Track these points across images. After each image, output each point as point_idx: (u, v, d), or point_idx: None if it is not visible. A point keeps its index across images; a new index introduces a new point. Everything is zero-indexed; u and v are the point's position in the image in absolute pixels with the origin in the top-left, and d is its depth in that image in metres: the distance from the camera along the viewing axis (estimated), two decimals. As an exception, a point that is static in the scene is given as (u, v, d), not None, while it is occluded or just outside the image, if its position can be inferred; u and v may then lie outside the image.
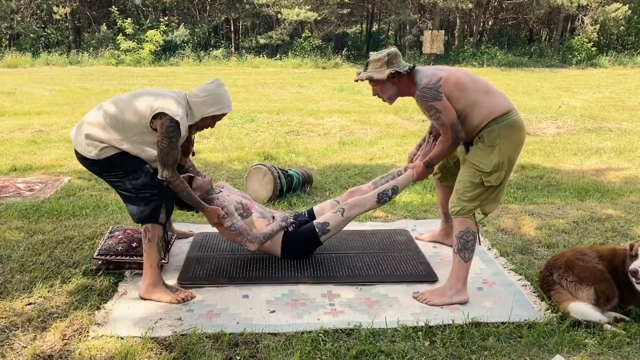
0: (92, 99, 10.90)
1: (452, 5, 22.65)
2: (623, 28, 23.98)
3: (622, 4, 22.68)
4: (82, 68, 19.42)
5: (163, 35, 22.22)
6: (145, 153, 2.91)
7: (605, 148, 7.27)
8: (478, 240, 3.04)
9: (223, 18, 25.29)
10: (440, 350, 2.50)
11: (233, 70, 19.31)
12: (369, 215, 4.33)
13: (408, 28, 25.09)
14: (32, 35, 22.74)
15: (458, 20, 25.86)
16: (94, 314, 2.78)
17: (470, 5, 22.67)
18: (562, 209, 4.55)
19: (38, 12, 23.30)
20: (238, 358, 2.44)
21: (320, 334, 2.60)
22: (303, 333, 2.63)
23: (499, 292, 3.10)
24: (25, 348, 2.49)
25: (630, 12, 23.27)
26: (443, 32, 21.77)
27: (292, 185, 4.97)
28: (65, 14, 22.60)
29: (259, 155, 6.69)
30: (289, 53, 23.02)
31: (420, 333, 2.63)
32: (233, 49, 24.64)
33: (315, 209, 3.63)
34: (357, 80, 3.04)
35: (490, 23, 28.23)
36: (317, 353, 2.46)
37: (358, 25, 28.45)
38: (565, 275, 2.86)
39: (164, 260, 3.24)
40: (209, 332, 2.63)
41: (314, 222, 3.42)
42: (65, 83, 14.08)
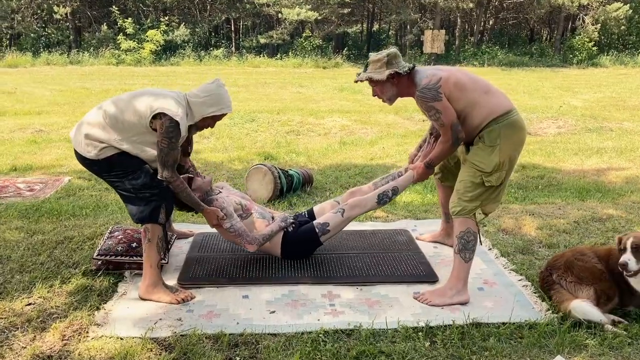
0: (92, 99, 10.90)
1: (452, 5, 22.65)
2: (624, 27, 23.97)
3: (623, 4, 22.66)
4: (82, 68, 19.43)
5: (163, 35, 22.23)
6: (145, 153, 2.90)
7: (606, 148, 7.26)
8: (479, 241, 3.04)
9: (223, 18, 25.29)
10: (441, 351, 2.50)
11: (233, 70, 19.32)
12: (370, 215, 4.32)
13: (409, 28, 25.08)
14: (32, 35, 22.76)
15: (459, 20, 25.85)
16: (94, 315, 2.78)
17: (471, 5, 22.67)
18: (563, 209, 4.55)
19: (38, 11, 23.31)
20: (238, 359, 2.44)
21: (321, 335, 2.60)
22: (303, 333, 2.63)
23: (500, 292, 3.09)
24: (25, 349, 2.49)
25: (631, 11, 23.26)
26: (444, 31, 21.74)
27: (292, 185, 4.97)
28: (66, 14, 22.62)
29: (259, 155, 6.69)
30: (290, 53, 23.03)
31: (421, 333, 2.62)
32: (233, 49, 24.65)
33: (316, 209, 3.62)
34: (356, 81, 3.03)
35: (491, 22, 28.23)
36: (317, 354, 2.46)
37: (359, 25, 28.42)
38: (565, 276, 2.86)
39: (164, 261, 3.23)
40: (209, 332, 2.62)
41: (314, 222, 3.41)
42: (66, 83, 14.08)
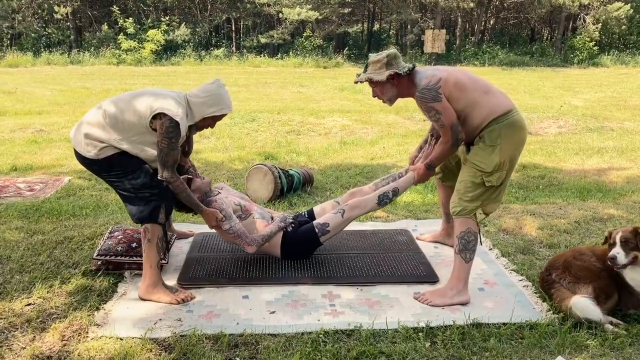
0: (93, 99, 10.89)
1: (453, 5, 22.63)
2: (625, 27, 23.92)
3: (624, 3, 22.62)
4: (83, 67, 19.43)
5: (164, 35, 22.23)
6: (145, 153, 2.90)
7: (607, 148, 7.25)
8: (479, 241, 3.03)
9: (224, 17, 25.29)
10: (441, 352, 2.49)
11: (234, 70, 19.31)
12: (370, 215, 4.31)
13: (409, 27, 25.06)
14: (33, 35, 22.76)
15: (459, 20, 25.83)
16: (94, 315, 2.77)
17: (472, 5, 22.65)
18: (563, 209, 4.54)
19: (39, 11, 23.31)
20: (238, 359, 2.43)
21: (321, 335, 2.59)
22: (303, 334, 2.62)
23: (501, 292, 3.08)
24: (24, 349, 2.48)
25: (632, 11, 23.22)
26: (444, 31, 21.73)
27: (292, 185, 4.96)
28: (67, 14, 22.61)
29: (260, 155, 6.68)
30: (290, 52, 23.01)
31: (421, 334, 2.62)
32: (234, 49, 24.64)
33: (316, 210, 3.62)
34: (356, 82, 3.02)
35: (492, 22, 28.20)
36: (317, 354, 2.45)
37: (359, 25, 28.40)
38: (563, 276, 2.85)
39: (164, 261, 3.23)
40: (209, 333, 2.62)
41: (314, 222, 3.40)
42: (66, 82, 14.08)
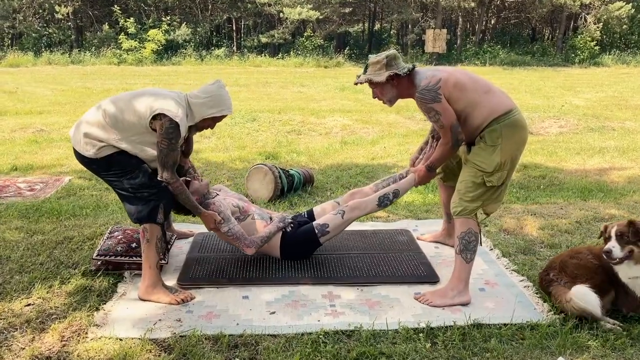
0: (93, 99, 10.88)
1: (454, 4, 22.61)
2: (626, 27, 23.87)
3: (625, 3, 22.59)
4: (84, 67, 19.43)
5: (165, 35, 22.21)
6: (145, 153, 2.89)
7: (609, 147, 7.23)
8: (480, 241, 3.02)
9: (225, 17, 25.27)
10: (442, 352, 2.48)
11: (235, 70, 19.30)
12: (370, 215, 4.30)
13: (410, 27, 25.06)
14: (34, 35, 22.77)
15: (460, 19, 25.81)
16: (93, 315, 2.77)
17: (473, 4, 22.61)
18: (564, 209, 4.52)
19: (40, 11, 23.32)
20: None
21: (321, 336, 2.59)
22: (303, 334, 2.61)
23: (501, 293, 3.07)
24: (24, 349, 2.48)
25: (634, 10, 23.19)
26: (445, 31, 21.72)
27: (293, 185, 4.96)
28: (67, 13, 22.61)
29: (260, 155, 6.67)
30: (291, 52, 23.00)
31: (422, 334, 2.61)
32: (235, 48, 24.64)
33: (316, 210, 3.61)
34: (356, 84, 3.02)
35: (493, 22, 28.16)
36: (317, 355, 2.44)
37: (360, 24, 28.38)
38: (560, 276, 2.85)
39: (164, 261, 3.22)
40: (209, 333, 2.61)
41: (314, 223, 3.40)
42: (67, 82, 14.08)
